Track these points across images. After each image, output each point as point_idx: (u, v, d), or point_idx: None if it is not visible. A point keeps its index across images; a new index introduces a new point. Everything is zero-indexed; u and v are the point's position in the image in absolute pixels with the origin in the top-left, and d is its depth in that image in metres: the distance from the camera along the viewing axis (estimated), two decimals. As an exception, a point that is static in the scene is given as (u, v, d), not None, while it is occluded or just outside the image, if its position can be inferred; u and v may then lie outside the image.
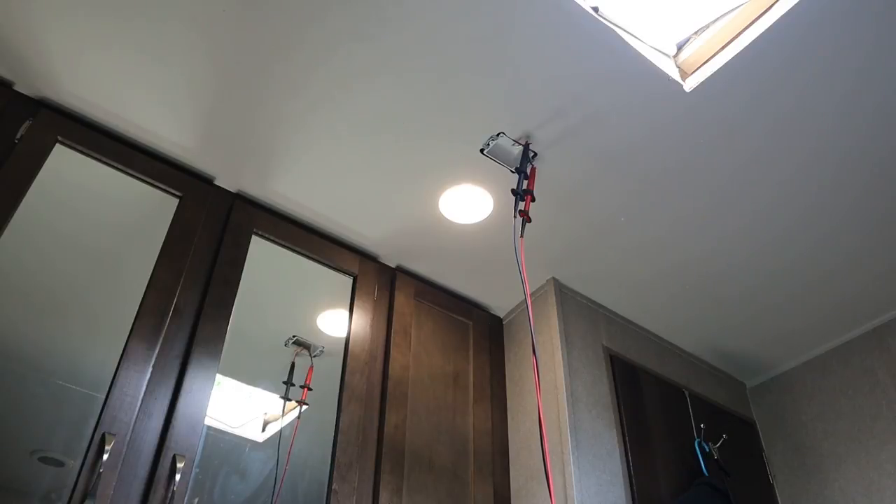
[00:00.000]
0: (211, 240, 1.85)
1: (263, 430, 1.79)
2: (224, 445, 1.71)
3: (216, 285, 1.77)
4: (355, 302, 2.04)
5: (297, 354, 1.92)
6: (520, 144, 1.80)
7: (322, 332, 1.99)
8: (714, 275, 2.19)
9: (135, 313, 1.61)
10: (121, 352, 1.54)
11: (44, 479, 1.43)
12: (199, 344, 1.67)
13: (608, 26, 1.53)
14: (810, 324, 2.38)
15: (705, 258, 2.13)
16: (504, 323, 2.39)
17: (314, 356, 1.93)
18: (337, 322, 2.01)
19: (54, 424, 1.48)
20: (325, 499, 1.69)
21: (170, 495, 1.44)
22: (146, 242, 1.74)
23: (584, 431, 1.95)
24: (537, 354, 2.13)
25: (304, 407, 1.83)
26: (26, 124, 1.69)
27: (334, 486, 1.69)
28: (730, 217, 1.98)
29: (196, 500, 1.56)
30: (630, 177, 1.88)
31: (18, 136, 1.67)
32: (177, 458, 1.49)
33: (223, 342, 1.71)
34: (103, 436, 1.41)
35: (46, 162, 1.67)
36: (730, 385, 2.62)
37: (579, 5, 1.50)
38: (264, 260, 1.94)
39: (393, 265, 2.22)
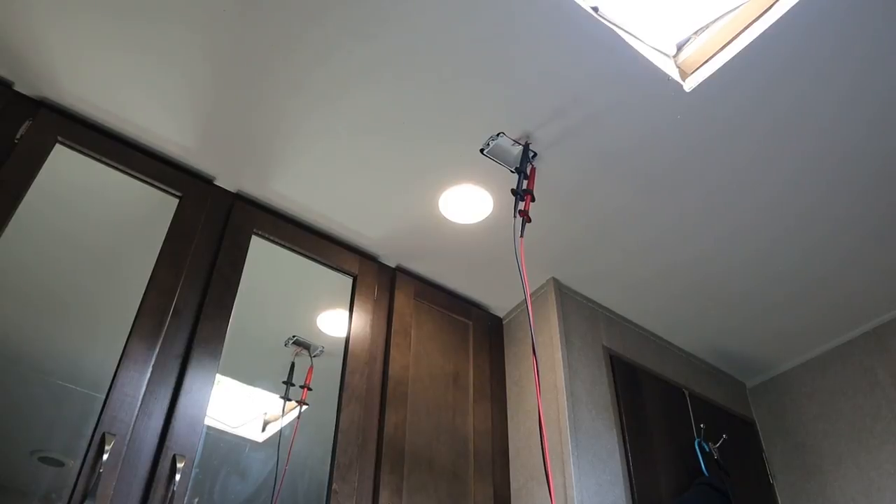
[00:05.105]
0: (211, 240, 1.85)
1: (263, 430, 1.79)
2: (224, 445, 1.71)
3: (216, 285, 1.77)
4: (355, 302, 2.04)
5: (296, 354, 1.92)
6: (520, 144, 1.79)
7: (322, 332, 1.99)
8: (714, 275, 2.19)
9: (135, 313, 1.61)
10: (121, 352, 1.54)
11: (44, 479, 1.43)
12: (199, 344, 1.67)
13: (608, 26, 1.53)
14: (810, 324, 2.38)
15: (705, 258, 2.13)
16: (504, 323, 2.39)
17: (314, 356, 1.93)
18: (337, 322, 2.01)
19: (54, 424, 1.48)
20: (325, 499, 1.69)
21: (170, 495, 1.44)
22: (146, 242, 1.74)
23: (584, 431, 1.95)
24: (537, 354, 2.13)
25: (304, 407, 1.83)
26: (26, 124, 1.69)
27: (334, 486, 1.69)
28: (730, 217, 1.98)
29: (196, 500, 1.56)
30: (630, 177, 1.88)
31: (18, 136, 1.67)
32: (177, 458, 1.49)
33: (223, 342, 1.71)
34: (103, 436, 1.41)
35: (46, 162, 1.67)
36: (730, 385, 2.61)
37: (579, 5, 1.50)
38: (264, 260, 1.94)
39: (393, 265, 2.22)
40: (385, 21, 1.55)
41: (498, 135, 1.77)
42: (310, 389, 1.87)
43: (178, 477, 1.46)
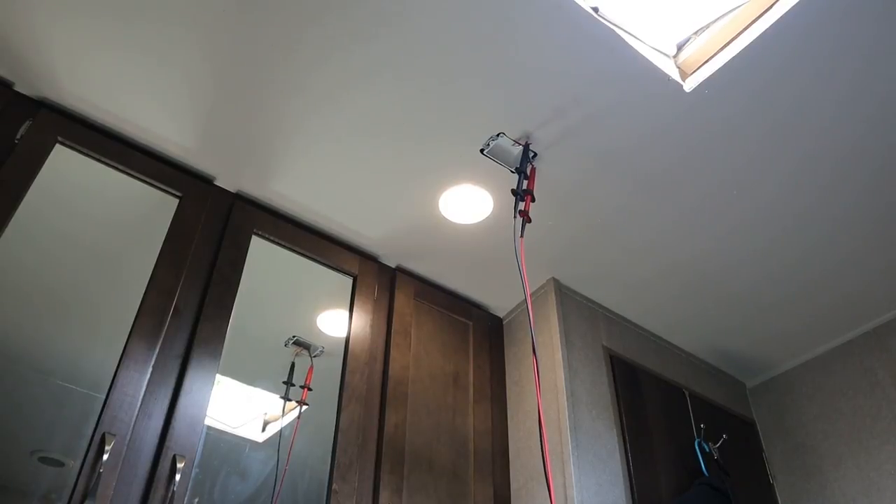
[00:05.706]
0: (211, 240, 1.85)
1: (263, 430, 1.79)
2: (224, 445, 1.71)
3: (216, 285, 1.77)
4: (355, 302, 2.04)
5: (297, 354, 1.92)
6: (520, 144, 1.80)
7: (322, 332, 1.99)
8: (714, 274, 2.19)
9: (135, 313, 1.61)
10: (121, 352, 1.54)
11: (44, 479, 1.43)
12: (199, 344, 1.67)
13: (608, 26, 1.53)
14: (810, 324, 2.38)
15: (705, 258, 2.13)
16: (504, 323, 2.39)
17: (314, 356, 1.93)
18: (337, 322, 2.01)
19: (54, 424, 1.48)
20: (325, 499, 1.69)
21: (170, 495, 1.44)
22: (146, 242, 1.74)
23: (584, 431, 1.95)
24: (537, 354, 2.13)
25: (304, 407, 1.83)
26: (26, 124, 1.69)
27: (334, 486, 1.69)
28: (729, 217, 1.98)
29: (196, 500, 1.56)
30: (630, 177, 1.88)
31: (18, 136, 1.67)
32: (177, 458, 1.49)
33: (223, 342, 1.71)
34: (103, 436, 1.41)
35: (46, 162, 1.67)
36: (730, 385, 2.61)
37: (579, 5, 1.50)
38: (264, 260, 1.94)
39: (393, 265, 2.22)
40: (385, 22, 1.55)
41: (498, 135, 1.77)
42: (310, 389, 1.87)
43: (178, 477, 1.46)
